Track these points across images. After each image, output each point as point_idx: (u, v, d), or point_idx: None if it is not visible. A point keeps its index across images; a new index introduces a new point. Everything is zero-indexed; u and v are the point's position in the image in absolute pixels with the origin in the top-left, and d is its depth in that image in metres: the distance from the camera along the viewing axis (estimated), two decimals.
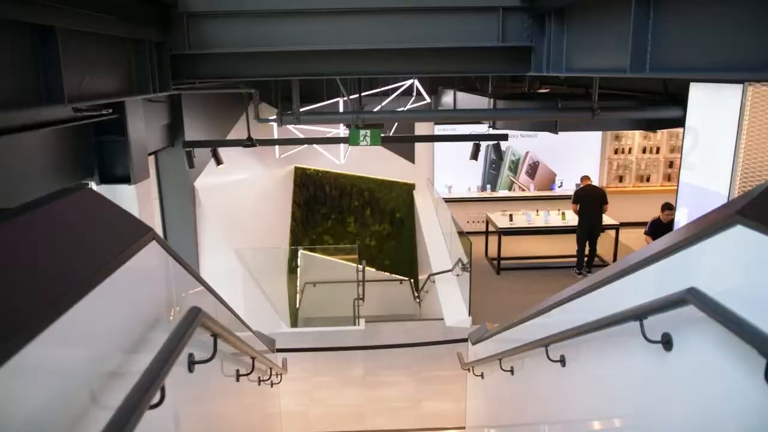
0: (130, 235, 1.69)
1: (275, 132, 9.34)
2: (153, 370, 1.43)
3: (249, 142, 6.60)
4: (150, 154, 6.46)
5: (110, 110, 4.74)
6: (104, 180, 5.23)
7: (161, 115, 6.81)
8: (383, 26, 4.30)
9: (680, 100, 6.07)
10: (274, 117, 6.35)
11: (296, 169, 13.45)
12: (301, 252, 13.17)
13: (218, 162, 7.00)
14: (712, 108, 5.09)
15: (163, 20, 4.22)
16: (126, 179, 5.26)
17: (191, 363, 2.13)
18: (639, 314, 1.77)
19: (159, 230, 7.27)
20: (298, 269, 13.13)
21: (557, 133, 6.57)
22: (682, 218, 5.76)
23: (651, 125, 7.00)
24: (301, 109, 6.62)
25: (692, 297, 1.40)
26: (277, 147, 10.64)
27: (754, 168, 4.61)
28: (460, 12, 4.24)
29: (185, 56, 4.41)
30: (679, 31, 2.56)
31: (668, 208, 7.89)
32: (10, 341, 1.01)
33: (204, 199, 7.72)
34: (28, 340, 1.05)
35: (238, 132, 9.51)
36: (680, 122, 6.04)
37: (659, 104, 6.36)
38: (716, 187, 5.01)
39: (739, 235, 1.30)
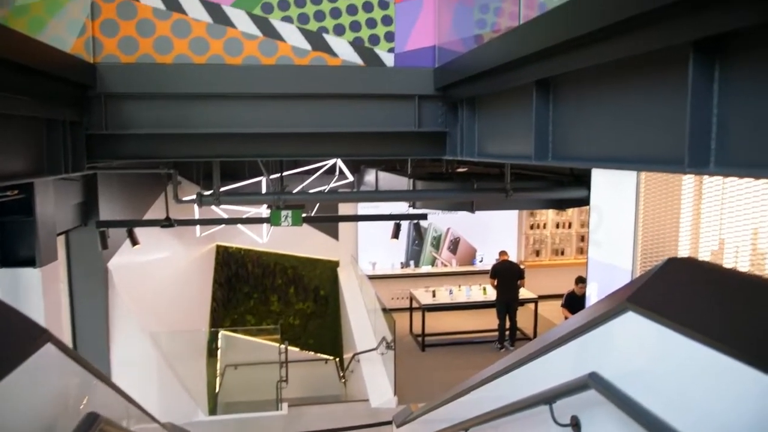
0: (22, 338, 1.57)
1: (196, 211, 9.18)
2: None
3: (167, 223, 6.45)
4: (59, 234, 6.16)
5: (16, 191, 4.53)
6: (5, 263, 4.92)
7: (74, 193, 6.57)
8: (305, 111, 4.41)
9: (585, 181, 6.51)
10: (194, 197, 6.27)
11: (218, 247, 13.16)
12: (221, 333, 12.67)
13: (134, 242, 6.76)
14: (613, 189, 5.49)
15: (80, 100, 4.16)
16: (30, 262, 4.97)
17: None
18: (548, 398, 1.83)
19: (65, 317, 6.83)
20: (219, 351, 12.58)
21: (474, 213, 6.85)
22: (592, 293, 6.04)
23: (560, 204, 7.44)
24: (223, 189, 6.58)
25: (593, 382, 1.47)
26: (198, 225, 10.42)
27: (652, 245, 4.95)
28: (379, 99, 4.43)
29: (102, 136, 4.32)
30: (576, 125, 2.78)
31: (581, 281, 8.26)
32: None
33: (118, 280, 7.38)
34: None
35: (156, 211, 9.27)
36: (586, 201, 6.45)
37: (567, 185, 6.80)
38: (621, 263, 5.33)
39: (631, 321, 1.40)
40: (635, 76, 2.22)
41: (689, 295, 1.39)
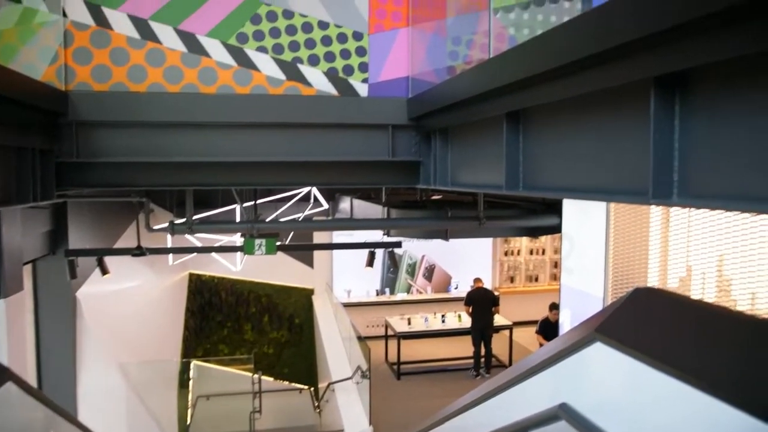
0: None
1: (168, 239, 9.06)
2: None
3: (138, 251, 6.36)
4: (26, 263, 6.02)
5: None
6: None
7: (43, 221, 6.44)
8: (279, 140, 4.42)
9: (557, 209, 6.61)
10: (167, 225, 6.20)
11: (191, 275, 12.98)
12: (193, 363, 12.42)
13: (104, 272, 6.64)
14: (583, 217, 5.59)
15: (51, 128, 4.11)
16: None
17: None
18: (520, 429, 1.83)
19: (30, 349, 6.63)
20: (190, 382, 12.31)
21: (448, 240, 6.90)
22: (565, 319, 6.09)
23: (533, 232, 7.54)
24: (196, 216, 6.52)
25: (563, 412, 1.48)
26: (170, 254, 10.28)
27: (623, 272, 5.03)
28: (353, 128, 4.47)
29: (73, 164, 4.27)
30: (546, 156, 2.84)
31: (555, 307, 8.32)
32: None
33: (86, 310, 7.21)
34: None
35: (128, 239, 9.13)
36: (558, 229, 6.55)
37: (539, 213, 6.90)
38: (593, 290, 5.40)
39: (599, 351, 1.42)
40: (601, 109, 2.29)
41: (655, 326, 1.42)
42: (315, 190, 10.35)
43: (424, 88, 4.11)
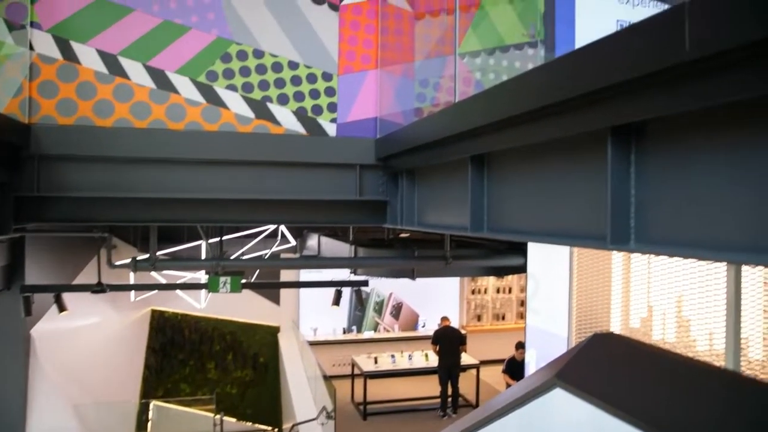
0: None
1: (131, 274, 8.86)
2: None
3: (98, 288, 6.19)
4: None
5: None
6: None
7: None
8: (247, 177, 4.42)
9: (522, 249, 6.70)
10: (129, 261, 6.07)
11: (153, 311, 12.65)
12: (153, 404, 12.00)
13: (61, 309, 6.44)
14: (548, 258, 5.68)
15: (11, 161, 4.03)
16: None
17: None
18: None
19: None
20: (149, 424, 11.87)
21: (414, 280, 6.91)
22: (531, 360, 6.12)
23: (499, 272, 7.61)
24: (161, 252, 6.41)
25: None
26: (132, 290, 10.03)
27: (586, 312, 5.10)
28: (322, 167, 4.49)
29: (33, 198, 4.17)
30: (510, 199, 2.90)
31: (521, 347, 8.36)
32: None
33: (41, 348, 6.96)
34: None
35: (88, 275, 8.89)
36: (524, 269, 6.62)
37: (504, 253, 6.98)
38: (557, 329, 5.45)
39: (559, 396, 1.43)
40: (562, 154, 2.36)
41: (612, 371, 1.44)
42: (283, 227, 10.30)
43: (392, 129, 4.17)
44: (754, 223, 1.48)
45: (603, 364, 1.44)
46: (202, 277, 9.68)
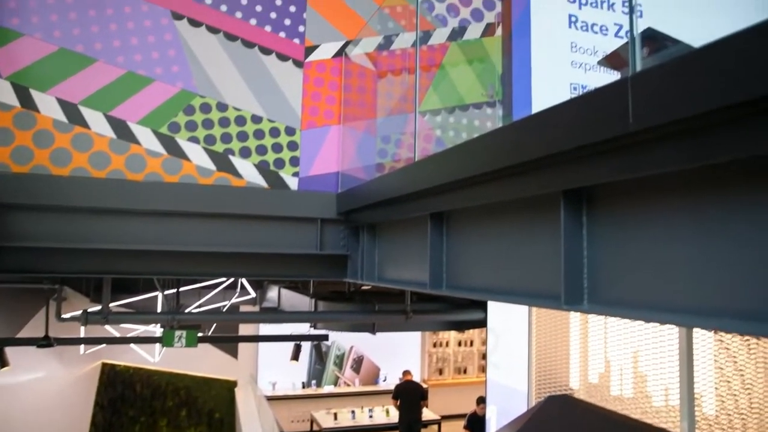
0: None
1: (81, 327, 8.52)
2: None
3: (45, 342, 5.93)
4: None
5: None
6: None
7: None
8: (206, 230, 4.36)
9: (482, 304, 6.73)
10: (79, 313, 5.85)
11: (103, 365, 12.12)
12: None
13: (2, 363, 6.12)
14: (507, 313, 5.72)
15: None
16: None
17: None
18: None
19: None
20: None
21: (375, 334, 6.84)
22: (492, 415, 6.06)
23: (459, 326, 7.60)
24: (114, 304, 6.21)
25: None
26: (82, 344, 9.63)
27: (546, 367, 5.12)
28: (283, 221, 4.48)
29: None
30: (468, 257, 2.93)
31: (482, 401, 8.28)
32: None
33: None
34: None
35: (35, 327, 8.52)
36: (484, 323, 6.64)
37: (465, 307, 7.00)
38: (517, 385, 5.44)
39: None
40: (519, 214, 2.42)
41: None
42: (243, 278, 10.13)
43: (354, 184, 4.21)
44: (697, 287, 1.54)
45: (556, 427, 1.44)
46: (157, 329, 9.38)
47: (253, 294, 10.49)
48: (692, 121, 1.33)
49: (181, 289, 7.80)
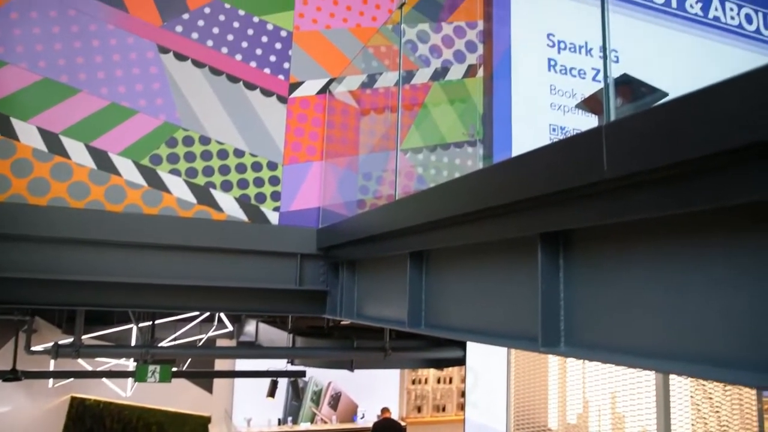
0: None
1: (51, 360, 8.29)
2: None
3: (11, 376, 5.75)
4: None
5: None
6: None
7: None
8: (185, 263, 4.32)
9: (461, 342, 6.70)
10: (50, 346, 5.69)
11: (73, 399, 11.77)
12: None
13: None
14: (487, 353, 5.70)
15: None
16: None
17: None
18: None
19: None
20: None
21: (353, 371, 6.76)
22: None
23: (438, 364, 7.53)
24: (87, 336, 6.06)
25: None
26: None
27: (524, 407, 5.09)
28: (263, 255, 4.45)
29: None
30: (447, 296, 2.94)
31: None
32: None
33: None
34: None
35: (1, 358, 8.27)
36: (463, 361, 6.60)
37: (444, 345, 6.95)
38: (495, 424, 5.39)
39: None
40: (497, 255, 2.44)
41: None
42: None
43: (335, 220, 4.22)
44: (673, 331, 1.55)
45: None
46: (129, 363, 9.16)
47: (230, 327, 10.33)
48: (666, 170, 1.37)
49: (157, 321, 7.66)
